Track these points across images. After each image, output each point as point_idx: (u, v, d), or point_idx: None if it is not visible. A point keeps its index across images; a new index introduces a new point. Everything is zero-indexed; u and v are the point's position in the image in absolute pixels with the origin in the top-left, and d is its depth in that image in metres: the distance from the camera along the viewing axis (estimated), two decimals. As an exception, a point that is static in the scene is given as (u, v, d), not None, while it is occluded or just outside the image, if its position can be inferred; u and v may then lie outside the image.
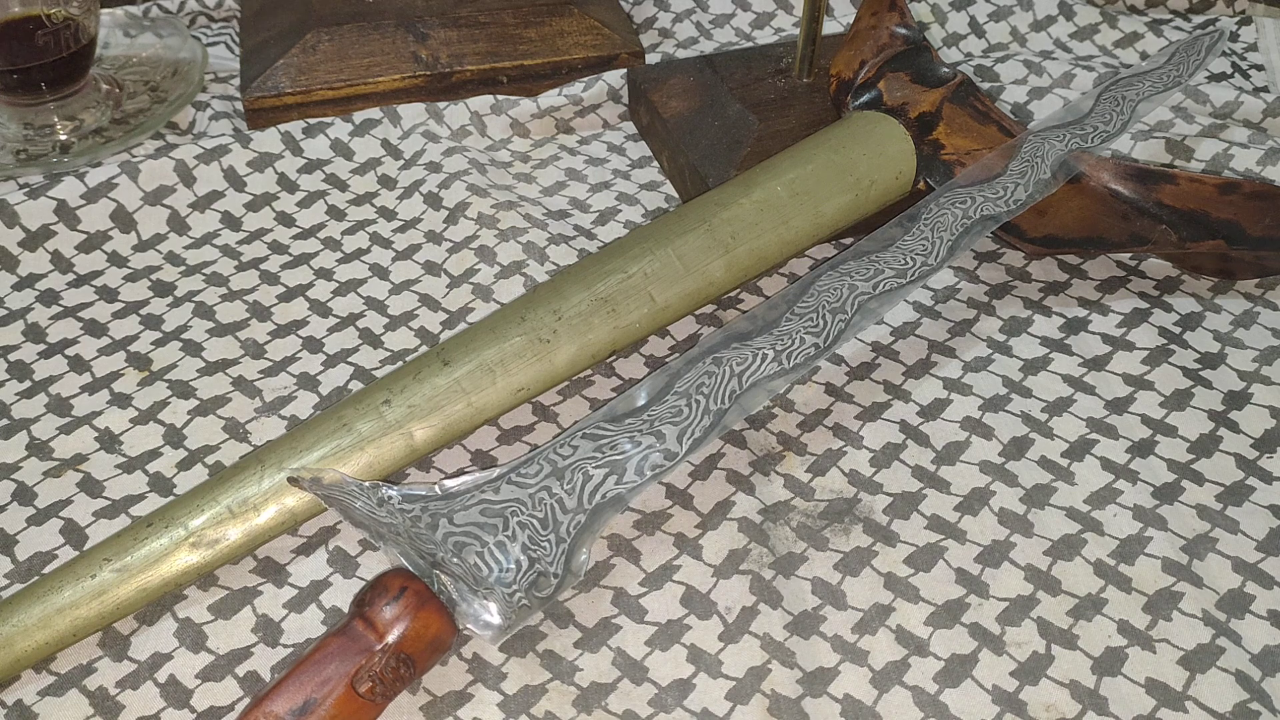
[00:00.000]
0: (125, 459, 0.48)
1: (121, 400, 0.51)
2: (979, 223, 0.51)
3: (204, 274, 0.57)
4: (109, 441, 0.49)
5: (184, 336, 0.54)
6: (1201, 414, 0.50)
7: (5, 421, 0.50)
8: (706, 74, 0.64)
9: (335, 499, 0.40)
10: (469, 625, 0.39)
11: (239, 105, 0.68)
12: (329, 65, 0.66)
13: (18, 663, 0.39)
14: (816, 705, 0.40)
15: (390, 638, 0.37)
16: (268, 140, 0.63)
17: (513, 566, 0.39)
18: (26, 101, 0.64)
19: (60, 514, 0.46)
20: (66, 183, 0.59)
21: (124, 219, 0.59)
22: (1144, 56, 0.74)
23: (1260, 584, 0.43)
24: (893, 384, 0.52)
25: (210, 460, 0.48)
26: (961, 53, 0.76)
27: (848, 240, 0.60)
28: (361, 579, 0.44)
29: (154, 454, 0.48)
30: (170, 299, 0.56)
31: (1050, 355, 0.53)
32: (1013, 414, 0.50)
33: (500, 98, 0.67)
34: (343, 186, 0.63)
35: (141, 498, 0.46)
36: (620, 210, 0.62)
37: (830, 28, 0.73)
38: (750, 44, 0.77)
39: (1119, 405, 0.50)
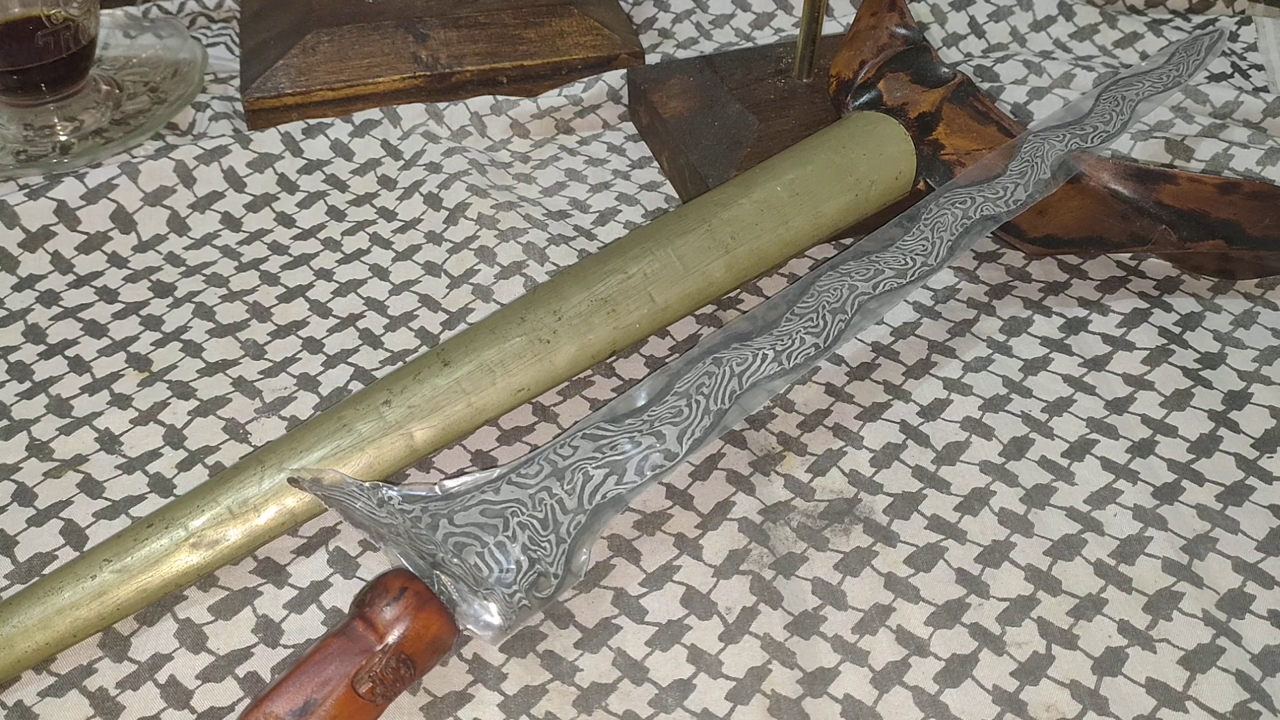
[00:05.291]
0: (125, 460, 0.48)
1: (122, 401, 0.51)
2: (979, 223, 0.51)
3: (204, 275, 0.57)
4: (109, 442, 0.49)
5: (184, 337, 0.54)
6: (1201, 414, 0.50)
7: (5, 422, 0.50)
8: (706, 74, 0.64)
9: (335, 499, 0.40)
10: (469, 626, 0.39)
11: (239, 106, 0.68)
12: (329, 66, 0.66)
13: (18, 663, 0.39)
14: (817, 705, 0.40)
15: (390, 638, 0.37)
16: (267, 141, 0.63)
17: (513, 567, 0.39)
18: (26, 102, 0.64)
19: (60, 515, 0.46)
20: (66, 183, 0.59)
21: (124, 220, 0.59)
22: (1144, 56, 0.74)
23: (1260, 584, 0.43)
24: (893, 384, 0.52)
25: (210, 461, 0.48)
26: (961, 53, 0.76)
27: (848, 240, 0.60)
28: (362, 579, 0.44)
29: (154, 455, 0.48)
30: (170, 300, 0.56)
31: (1050, 355, 0.53)
32: (1013, 414, 0.50)
33: (500, 98, 0.67)
34: (343, 187, 0.63)
35: (142, 498, 0.46)
36: (620, 211, 0.62)
37: (830, 28, 0.73)
38: (750, 44, 0.77)
39: (1119, 405, 0.50)
